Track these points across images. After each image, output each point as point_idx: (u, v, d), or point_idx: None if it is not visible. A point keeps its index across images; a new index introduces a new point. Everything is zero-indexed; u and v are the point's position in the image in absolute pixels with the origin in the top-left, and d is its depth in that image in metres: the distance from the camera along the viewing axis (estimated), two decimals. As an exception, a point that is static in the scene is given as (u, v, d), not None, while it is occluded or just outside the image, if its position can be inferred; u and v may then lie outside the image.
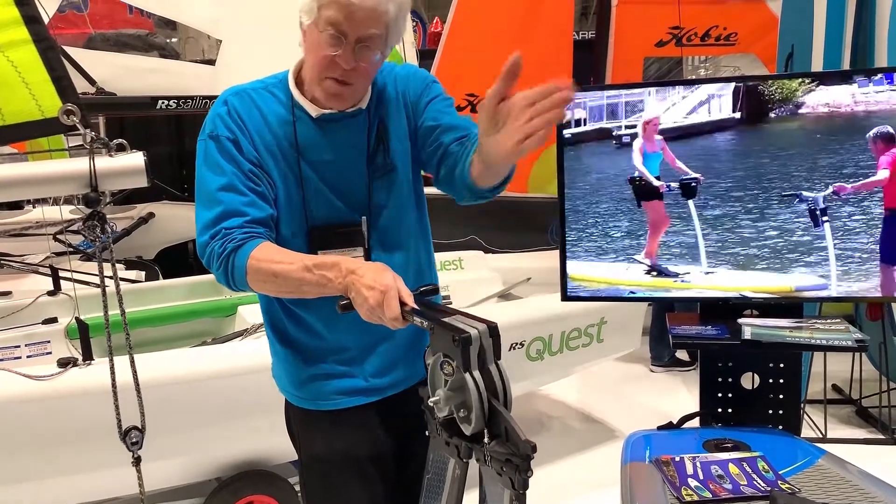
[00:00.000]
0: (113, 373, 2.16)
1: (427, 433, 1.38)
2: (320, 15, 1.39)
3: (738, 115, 2.09)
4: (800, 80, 2.06)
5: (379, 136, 1.57)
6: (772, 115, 2.07)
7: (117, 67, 3.92)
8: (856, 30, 3.61)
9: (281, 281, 1.41)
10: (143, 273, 4.55)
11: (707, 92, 2.12)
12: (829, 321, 2.14)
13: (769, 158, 2.08)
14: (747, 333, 2.05)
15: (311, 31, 1.43)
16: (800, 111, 2.05)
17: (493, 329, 1.22)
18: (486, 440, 1.20)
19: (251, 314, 3.23)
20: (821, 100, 2.03)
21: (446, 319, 1.26)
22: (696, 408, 2.24)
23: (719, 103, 2.11)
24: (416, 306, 1.29)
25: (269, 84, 1.56)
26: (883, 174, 1.99)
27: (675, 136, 2.14)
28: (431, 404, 1.26)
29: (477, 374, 1.20)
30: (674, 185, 2.14)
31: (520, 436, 1.14)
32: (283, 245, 1.49)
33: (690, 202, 2.14)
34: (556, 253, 2.30)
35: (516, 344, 3.23)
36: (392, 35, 1.43)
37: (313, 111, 1.52)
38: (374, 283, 1.28)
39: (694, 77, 7.00)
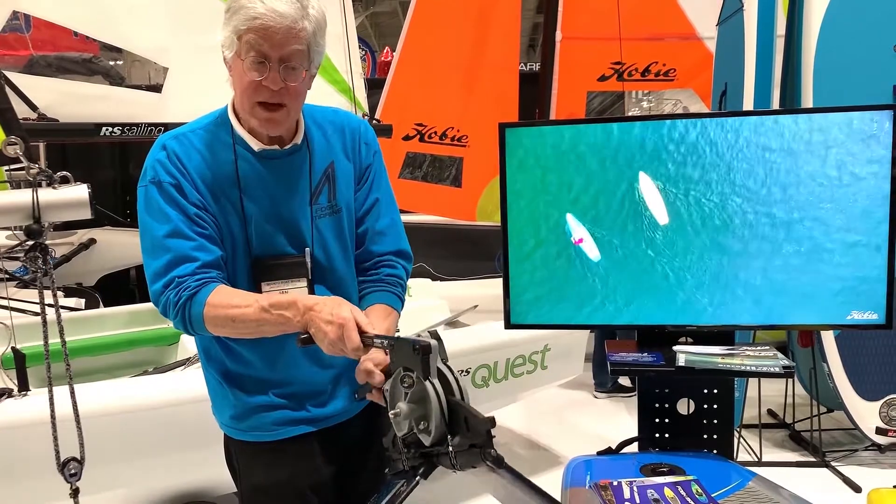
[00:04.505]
0: (52, 403, 2.11)
1: (386, 470, 1.37)
2: (241, 43, 1.41)
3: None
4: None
5: (328, 176, 1.60)
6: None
7: (61, 93, 3.85)
8: (784, 71, 3.81)
9: (239, 324, 1.43)
10: (83, 300, 4.44)
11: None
12: (758, 348, 2.24)
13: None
14: (681, 360, 2.13)
15: (235, 61, 1.44)
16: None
17: (433, 333, 1.29)
18: (449, 439, 1.22)
19: (194, 343, 3.18)
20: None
21: (400, 335, 1.32)
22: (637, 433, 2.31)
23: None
24: (375, 331, 1.33)
25: (207, 124, 1.56)
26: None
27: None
28: (392, 416, 1.27)
29: (436, 381, 1.24)
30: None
31: (477, 417, 1.18)
32: (227, 278, 1.50)
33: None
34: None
35: (462, 371, 3.26)
36: (314, 52, 1.46)
37: (255, 145, 1.53)
38: (332, 318, 1.32)
39: (636, 111, 7.20)
